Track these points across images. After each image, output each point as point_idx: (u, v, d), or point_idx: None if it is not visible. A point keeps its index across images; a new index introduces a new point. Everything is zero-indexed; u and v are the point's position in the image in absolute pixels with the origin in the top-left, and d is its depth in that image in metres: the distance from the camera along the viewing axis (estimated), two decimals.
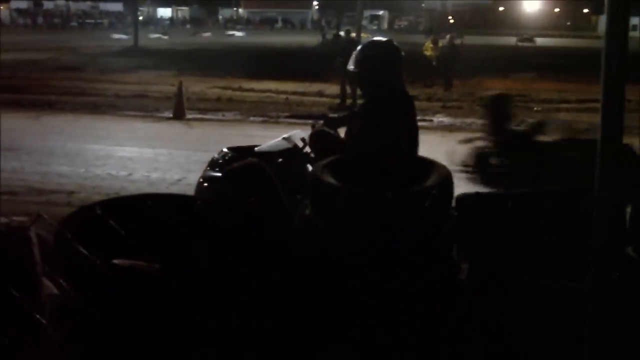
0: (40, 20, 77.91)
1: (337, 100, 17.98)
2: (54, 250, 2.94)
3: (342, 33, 21.52)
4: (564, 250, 2.80)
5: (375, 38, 4.65)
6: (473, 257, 3.21)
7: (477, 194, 3.25)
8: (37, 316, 2.05)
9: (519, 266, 2.89)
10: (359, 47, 4.48)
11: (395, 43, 4.43)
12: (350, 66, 4.36)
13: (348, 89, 17.37)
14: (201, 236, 2.87)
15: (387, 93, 4.23)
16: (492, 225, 2.98)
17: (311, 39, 47.63)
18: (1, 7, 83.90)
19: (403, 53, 4.37)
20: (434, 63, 21.91)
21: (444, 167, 3.64)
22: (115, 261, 2.83)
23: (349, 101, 17.29)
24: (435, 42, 23.34)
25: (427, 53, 22.89)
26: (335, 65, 18.55)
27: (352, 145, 4.30)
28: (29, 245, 2.52)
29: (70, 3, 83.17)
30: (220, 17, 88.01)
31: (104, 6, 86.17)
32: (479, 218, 3.12)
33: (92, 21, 76.67)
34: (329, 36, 41.83)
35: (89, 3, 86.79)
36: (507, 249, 2.87)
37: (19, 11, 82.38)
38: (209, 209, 3.02)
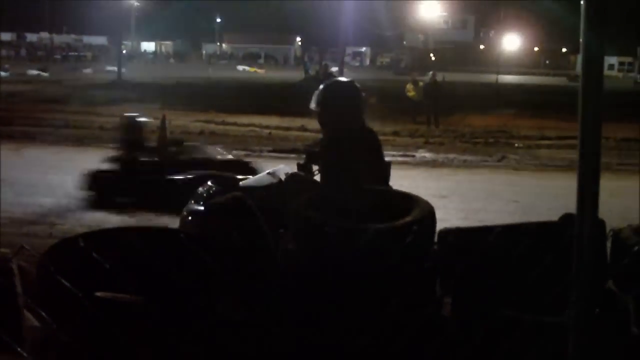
0: (23, 52, 77.92)
1: (320, 135, 18.00)
2: (36, 282, 2.93)
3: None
4: (546, 284, 2.82)
5: (338, 78, 4.80)
6: (455, 291, 3.23)
7: (458, 228, 3.28)
8: (18, 349, 2.04)
9: (501, 301, 2.91)
10: (320, 87, 4.60)
11: (356, 84, 4.58)
12: (312, 105, 4.48)
13: None
14: (184, 269, 2.87)
15: (346, 131, 4.36)
16: (474, 259, 3.00)
17: (294, 75, 47.97)
18: None
19: (364, 93, 4.53)
20: (424, 102, 22.09)
21: (426, 202, 3.67)
22: (98, 294, 2.82)
23: None
24: (415, 83, 23.52)
25: (410, 94, 23.12)
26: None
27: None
28: (11, 277, 2.50)
29: (54, 36, 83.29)
30: (203, 52, 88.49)
31: (87, 39, 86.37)
32: (460, 252, 3.14)
33: (75, 54, 76.78)
34: (312, 72, 42.11)
35: (72, 36, 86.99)
36: (489, 283, 2.89)
37: (1, 43, 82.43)
38: (192, 242, 3.02)
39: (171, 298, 2.83)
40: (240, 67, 57.59)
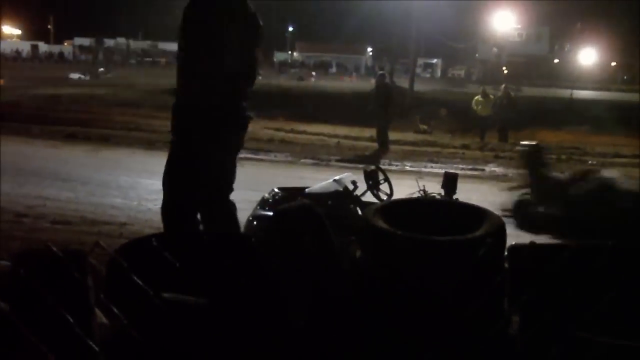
0: (100, 57, 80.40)
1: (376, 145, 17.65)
2: (105, 279, 2.99)
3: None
4: (622, 306, 2.72)
5: None
6: (525, 309, 3.14)
7: (531, 244, 3.19)
8: (91, 343, 2.08)
9: (573, 321, 2.82)
10: None
11: None
12: None
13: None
14: (252, 274, 2.88)
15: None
16: (546, 277, 2.91)
17: (364, 85, 48.01)
18: (65, 44, 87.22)
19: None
20: (494, 117, 21.33)
21: (497, 216, 3.60)
22: (165, 295, 2.85)
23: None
24: (485, 96, 22.49)
25: (478, 108, 22.16)
26: (368, 110, 18.28)
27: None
28: (84, 274, 2.56)
29: (131, 41, 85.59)
30: (275, 60, 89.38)
31: (162, 45, 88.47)
32: (533, 270, 3.05)
33: (150, 59, 78.78)
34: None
35: (148, 42, 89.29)
36: (561, 302, 2.80)
37: (81, 48, 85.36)
38: (262, 247, 3.03)
39: (237, 302, 2.85)
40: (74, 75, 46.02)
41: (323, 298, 3.22)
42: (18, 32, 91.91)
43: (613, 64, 77.00)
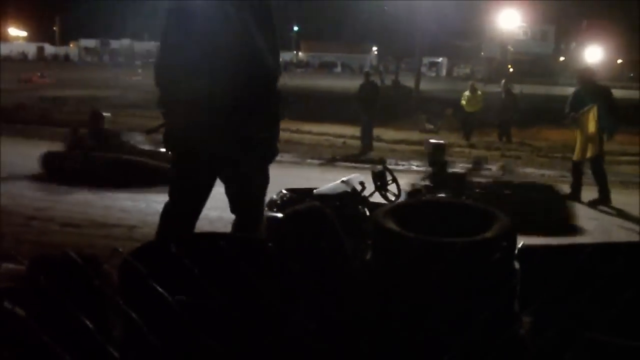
0: (106, 58, 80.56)
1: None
2: (119, 283, 3.00)
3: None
4: (635, 307, 2.72)
5: None
6: (537, 311, 3.15)
7: (543, 246, 3.20)
8: (110, 349, 2.10)
9: (587, 323, 2.82)
10: None
11: None
12: None
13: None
14: (266, 277, 2.89)
15: None
16: (559, 278, 2.92)
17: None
18: (71, 45, 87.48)
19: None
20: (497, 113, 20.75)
21: (505, 217, 3.60)
22: (177, 298, 2.86)
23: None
24: (473, 91, 21.76)
25: (465, 104, 21.55)
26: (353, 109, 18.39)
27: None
28: (103, 279, 2.58)
29: (135, 43, 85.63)
30: (280, 60, 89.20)
31: None
32: (544, 271, 3.06)
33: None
34: (387, 82, 41.99)
35: (153, 43, 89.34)
36: (574, 304, 2.81)
37: (86, 49, 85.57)
38: (279, 253, 3.04)
39: (251, 304, 2.86)
40: None
41: (335, 300, 3.24)
42: (24, 34, 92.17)
43: (619, 61, 76.69)
